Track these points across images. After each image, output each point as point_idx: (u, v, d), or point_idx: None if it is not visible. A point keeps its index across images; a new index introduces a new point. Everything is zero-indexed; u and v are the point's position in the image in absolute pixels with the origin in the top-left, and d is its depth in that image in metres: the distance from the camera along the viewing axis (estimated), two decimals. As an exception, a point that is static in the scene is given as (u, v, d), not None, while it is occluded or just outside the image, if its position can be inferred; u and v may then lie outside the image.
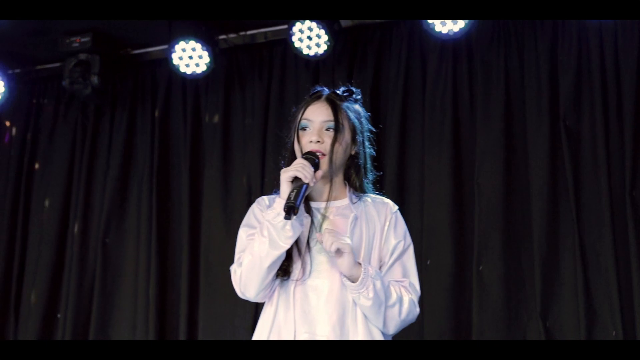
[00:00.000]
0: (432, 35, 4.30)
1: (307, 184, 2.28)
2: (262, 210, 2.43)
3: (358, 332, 2.32)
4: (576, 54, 4.17)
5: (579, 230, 3.99)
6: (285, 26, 4.67)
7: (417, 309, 2.40)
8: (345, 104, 2.46)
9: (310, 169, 2.30)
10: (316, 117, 2.43)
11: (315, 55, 4.48)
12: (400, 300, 2.34)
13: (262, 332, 2.36)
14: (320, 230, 2.37)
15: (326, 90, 2.49)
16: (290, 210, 2.21)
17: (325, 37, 4.40)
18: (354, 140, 2.46)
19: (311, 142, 2.39)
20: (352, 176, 2.48)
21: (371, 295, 2.28)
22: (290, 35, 4.46)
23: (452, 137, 4.33)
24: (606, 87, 4.09)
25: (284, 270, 2.33)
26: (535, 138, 4.17)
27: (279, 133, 4.54)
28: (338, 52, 4.61)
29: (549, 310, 4.00)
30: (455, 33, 4.17)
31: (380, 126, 2.71)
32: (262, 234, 2.29)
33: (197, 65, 4.71)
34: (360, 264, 2.31)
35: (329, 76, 4.68)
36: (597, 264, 3.95)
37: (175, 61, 4.70)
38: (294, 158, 2.43)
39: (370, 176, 2.53)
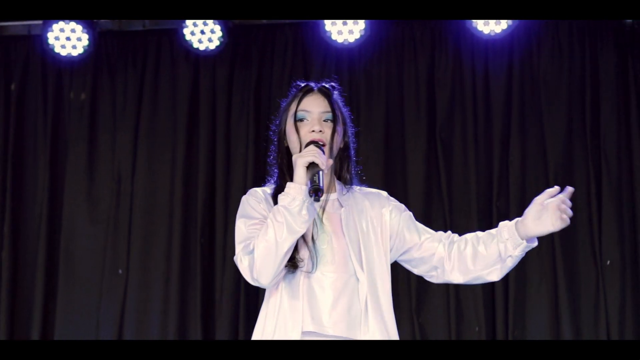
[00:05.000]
0: (322, 41, 4.47)
1: (322, 170, 2.30)
2: (259, 202, 2.43)
3: (369, 327, 2.34)
4: (451, 73, 4.56)
5: (451, 234, 4.36)
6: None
7: None
8: (335, 96, 2.51)
9: (323, 156, 2.32)
10: (314, 108, 2.45)
11: (206, 50, 4.47)
12: None
13: (269, 322, 2.35)
14: (320, 224, 2.40)
15: (314, 84, 2.52)
16: (318, 192, 2.25)
17: (219, 33, 4.42)
18: (344, 132, 2.51)
19: (313, 131, 2.42)
20: (344, 168, 2.51)
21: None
22: (182, 27, 4.41)
23: (334, 140, 4.53)
24: (477, 105, 4.52)
25: (291, 260, 2.33)
26: (414, 148, 4.50)
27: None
28: (220, 49, 4.61)
29: (422, 308, 4.34)
30: (350, 43, 4.37)
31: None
32: (276, 220, 2.28)
33: (73, 47, 4.50)
34: None
35: (210, 72, 4.69)
36: (466, 266, 4.34)
37: (51, 41, 4.45)
38: (287, 150, 2.46)
39: (354, 169, 2.56)
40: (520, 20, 4.32)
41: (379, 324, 2.35)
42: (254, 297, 4.43)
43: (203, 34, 4.42)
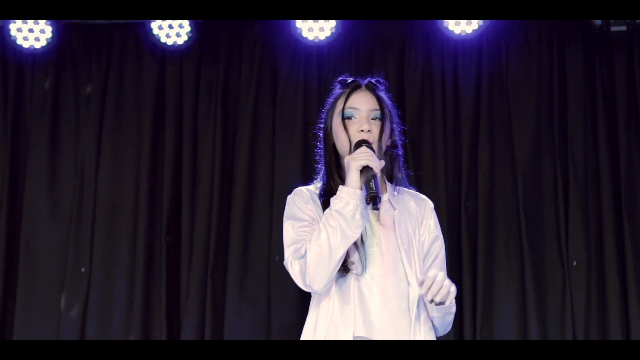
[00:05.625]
0: (292, 38, 4.43)
1: (377, 175, 2.23)
2: (305, 202, 2.37)
3: (419, 331, 2.31)
4: (420, 73, 4.54)
5: (419, 234, 4.34)
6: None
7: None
8: (383, 93, 2.45)
9: (376, 159, 2.25)
10: (363, 105, 2.38)
11: (174, 45, 4.41)
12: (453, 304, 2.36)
13: (320, 327, 2.29)
14: (369, 226, 2.32)
15: (362, 79, 2.46)
16: (376, 199, 2.17)
17: (188, 28, 4.36)
18: (392, 129, 2.43)
19: (362, 131, 2.34)
20: (395, 167, 2.45)
21: (453, 309, 2.37)
22: (150, 21, 4.34)
23: (302, 138, 4.48)
24: (446, 106, 4.50)
25: (342, 263, 2.28)
26: (383, 147, 4.47)
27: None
28: (188, 44, 4.55)
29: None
30: (320, 41, 4.34)
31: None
32: (329, 224, 2.22)
33: (36, 39, 4.41)
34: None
35: (177, 67, 4.62)
36: (433, 266, 4.33)
37: (13, 32, 4.36)
38: (334, 148, 2.39)
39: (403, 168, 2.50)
40: (491, 20, 4.31)
41: (429, 329, 2.34)
42: (220, 296, 4.38)
43: (171, 29, 4.37)
